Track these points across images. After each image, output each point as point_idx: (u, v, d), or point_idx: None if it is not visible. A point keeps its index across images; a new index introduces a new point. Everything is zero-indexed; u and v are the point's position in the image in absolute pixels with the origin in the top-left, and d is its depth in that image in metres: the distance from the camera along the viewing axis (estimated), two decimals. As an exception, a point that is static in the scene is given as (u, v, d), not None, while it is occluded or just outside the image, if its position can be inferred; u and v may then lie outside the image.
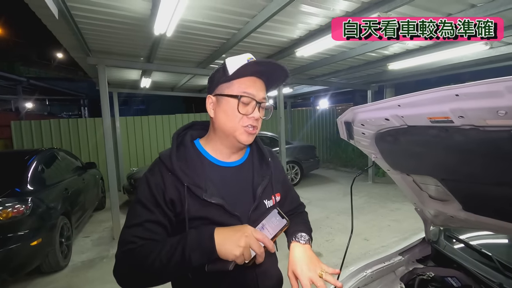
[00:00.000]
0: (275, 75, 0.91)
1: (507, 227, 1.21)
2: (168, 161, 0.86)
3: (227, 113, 0.86)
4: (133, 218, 0.82)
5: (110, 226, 4.89)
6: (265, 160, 1.00)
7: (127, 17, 3.02)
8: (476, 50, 3.90)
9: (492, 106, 0.68)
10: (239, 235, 0.73)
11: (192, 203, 0.82)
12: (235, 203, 0.87)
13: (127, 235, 0.80)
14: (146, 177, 0.86)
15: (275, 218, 0.80)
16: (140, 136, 8.27)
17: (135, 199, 0.86)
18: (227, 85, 0.87)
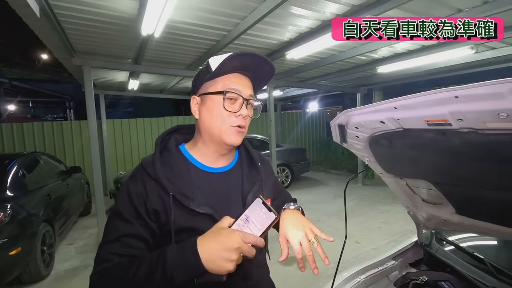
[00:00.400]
0: (261, 71, 0.86)
1: (501, 231, 1.20)
2: (151, 168, 0.79)
3: (212, 112, 0.81)
4: (110, 233, 0.74)
5: (95, 232, 4.73)
6: (255, 165, 0.95)
7: (114, 16, 2.93)
8: (462, 54, 3.98)
9: (493, 109, 0.65)
10: (229, 247, 0.64)
11: (178, 214, 0.75)
12: (224, 212, 0.79)
13: (103, 252, 0.72)
14: (126, 186, 0.79)
15: (260, 209, 0.71)
16: (128, 139, 8.09)
17: (112, 211, 0.78)
18: (211, 83, 0.82)
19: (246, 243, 0.65)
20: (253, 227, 0.70)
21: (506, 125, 0.67)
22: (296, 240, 0.79)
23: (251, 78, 0.86)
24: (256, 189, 0.89)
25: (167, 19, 2.64)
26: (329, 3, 2.69)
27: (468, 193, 1.15)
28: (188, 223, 0.76)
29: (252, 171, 0.94)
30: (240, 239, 0.65)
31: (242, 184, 0.89)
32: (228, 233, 0.66)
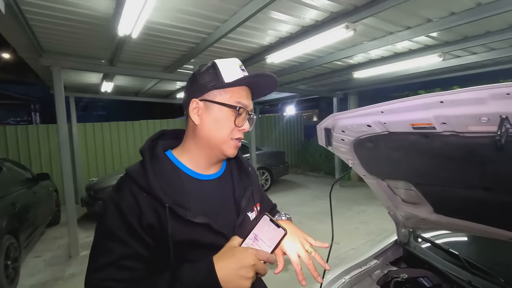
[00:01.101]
0: (266, 88, 0.87)
1: (475, 228, 1.28)
2: (142, 179, 0.73)
3: (218, 123, 0.78)
4: (103, 256, 0.67)
5: (66, 243, 4.45)
6: (245, 170, 0.94)
7: (87, 15, 2.80)
8: (430, 62, 4.24)
9: (475, 113, 0.70)
10: (245, 266, 0.64)
11: (175, 226, 0.71)
12: (219, 219, 0.78)
13: (95, 280, 0.66)
14: (113, 201, 0.71)
15: (268, 226, 0.71)
16: (101, 143, 7.73)
17: (100, 231, 0.71)
18: (220, 92, 0.79)
19: (259, 260, 0.66)
20: (263, 245, 0.70)
21: (486, 128, 0.71)
22: (294, 251, 0.79)
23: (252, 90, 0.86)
24: (248, 195, 0.88)
25: (146, 20, 2.56)
26: (309, 10, 2.75)
27: (446, 192, 1.22)
28: (185, 235, 0.72)
29: (242, 177, 0.92)
30: (255, 257, 0.65)
31: (233, 190, 0.87)
32: (243, 251, 0.66)
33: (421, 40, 3.72)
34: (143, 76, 4.96)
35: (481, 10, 2.63)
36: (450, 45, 3.75)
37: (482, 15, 2.63)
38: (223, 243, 0.76)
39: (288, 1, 2.58)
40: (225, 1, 2.53)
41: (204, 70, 0.81)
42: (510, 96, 0.61)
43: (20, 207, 3.65)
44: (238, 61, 0.83)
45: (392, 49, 4.09)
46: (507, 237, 1.22)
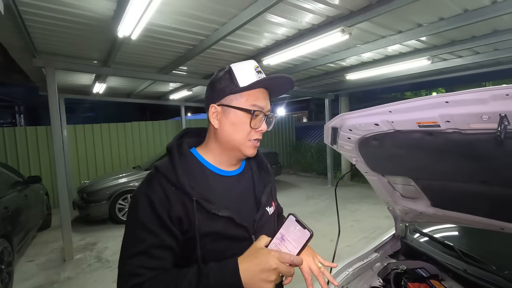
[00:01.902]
0: (282, 89, 0.90)
1: (470, 219, 1.37)
2: (171, 174, 0.77)
3: (235, 126, 0.82)
4: (135, 245, 0.71)
5: (59, 247, 4.38)
6: (264, 167, 0.99)
7: (86, 16, 2.79)
8: (420, 64, 4.42)
9: (477, 112, 0.78)
10: (266, 268, 0.66)
11: (201, 219, 0.75)
12: (241, 213, 0.83)
13: (130, 267, 0.70)
14: (145, 194, 0.75)
15: (294, 227, 0.72)
16: (91, 145, 7.61)
17: (132, 221, 0.75)
18: (236, 97, 0.82)
19: (283, 263, 0.68)
20: (290, 246, 0.71)
21: (487, 125, 0.79)
22: (305, 263, 0.83)
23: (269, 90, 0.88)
24: (268, 191, 0.93)
25: (147, 22, 2.59)
26: (306, 13, 2.83)
27: (444, 187, 1.31)
28: (211, 228, 0.77)
29: (261, 173, 0.97)
30: (277, 260, 0.67)
31: (253, 186, 0.92)
32: (265, 254, 0.68)
33: (411, 44, 3.88)
34: (138, 77, 4.94)
35: (467, 16, 2.78)
36: (438, 49, 3.92)
37: (469, 21, 2.79)
38: (245, 236, 0.82)
39: (286, 5, 2.65)
40: (226, 4, 2.58)
41: (221, 76, 0.84)
42: (509, 96, 0.70)
43: (12, 210, 3.58)
44: (253, 63, 0.85)
45: (383, 52, 4.24)
46: (498, 227, 1.33)
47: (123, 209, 5.39)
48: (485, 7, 2.68)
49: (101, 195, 5.29)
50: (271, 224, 0.95)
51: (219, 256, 0.76)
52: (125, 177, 5.68)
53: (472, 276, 1.37)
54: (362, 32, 3.31)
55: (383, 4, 2.52)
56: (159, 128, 8.80)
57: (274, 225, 0.96)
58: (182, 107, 8.89)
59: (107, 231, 5.05)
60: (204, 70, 5.06)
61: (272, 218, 0.95)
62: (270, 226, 0.93)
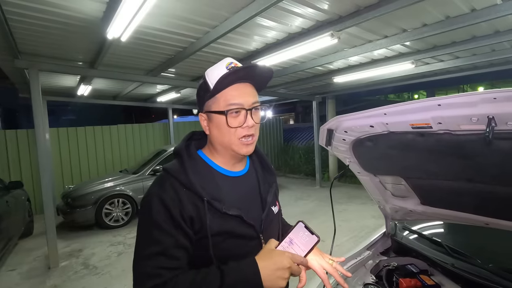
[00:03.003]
0: (259, 77, 0.86)
1: (457, 216, 1.45)
2: (182, 175, 0.79)
3: (220, 129, 0.83)
4: (151, 245, 0.72)
5: (43, 254, 4.23)
6: (268, 168, 1.02)
7: (73, 17, 2.74)
8: (404, 68, 4.59)
9: (467, 114, 0.83)
10: (281, 267, 0.71)
11: (212, 218, 0.78)
12: (248, 212, 0.85)
13: (148, 268, 0.70)
14: (158, 195, 0.76)
15: (302, 232, 0.77)
16: (75, 149, 7.40)
17: (146, 222, 0.76)
18: (213, 101, 0.83)
19: (294, 263, 0.73)
20: (297, 249, 0.76)
21: (476, 127, 0.85)
22: (318, 264, 0.85)
23: (252, 82, 0.86)
24: (273, 191, 0.96)
25: (137, 24, 2.57)
26: (296, 18, 2.89)
27: (433, 185, 1.38)
28: (222, 227, 0.79)
29: (265, 174, 1.00)
30: (290, 260, 0.72)
31: (258, 186, 0.94)
32: (280, 255, 0.73)
33: (396, 48, 4.03)
34: (125, 79, 4.85)
35: (449, 23, 2.93)
36: (421, 53, 4.09)
37: (450, 27, 2.93)
38: (253, 235, 0.84)
39: (277, 9, 2.70)
40: (218, 8, 2.60)
41: (200, 84, 0.87)
42: (496, 100, 0.75)
43: (-6, 217, 3.44)
44: (226, 61, 0.83)
45: (370, 55, 4.38)
46: (483, 222, 1.40)
47: (110, 214, 5.27)
48: (465, 15, 2.83)
49: (86, 200, 5.15)
50: (276, 223, 0.97)
51: (231, 255, 0.78)
52: (111, 181, 5.56)
53: (459, 270, 1.44)
54: (350, 36, 3.41)
55: (370, 10, 2.61)
56: (146, 131, 8.66)
57: (279, 224, 0.98)
58: (169, 109, 8.80)
59: (93, 236, 4.92)
60: (194, 72, 5.04)
61: (277, 217, 0.98)
62: (275, 225, 0.96)
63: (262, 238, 0.86)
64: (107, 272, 3.61)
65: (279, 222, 0.99)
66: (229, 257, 0.76)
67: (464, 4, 2.68)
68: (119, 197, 5.36)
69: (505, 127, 0.81)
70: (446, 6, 2.71)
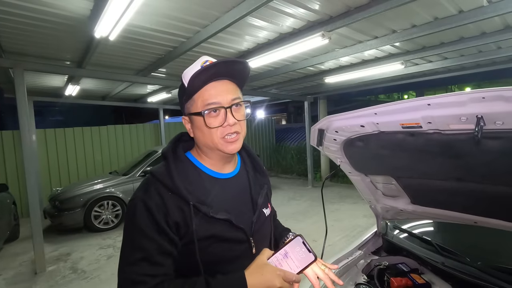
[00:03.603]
0: (234, 71, 0.82)
1: (446, 215, 1.46)
2: (167, 179, 0.77)
3: (202, 131, 0.81)
4: (135, 252, 0.70)
5: (29, 259, 4.11)
6: (260, 169, 0.99)
7: (59, 15, 2.67)
8: (394, 68, 4.65)
9: (456, 114, 0.84)
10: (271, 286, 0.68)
11: (199, 223, 0.75)
12: (238, 215, 0.82)
13: (133, 274, 0.68)
14: (142, 200, 0.74)
15: (300, 248, 0.74)
16: (63, 151, 7.23)
17: (130, 228, 0.74)
18: (191, 103, 0.81)
19: (286, 281, 0.70)
20: (291, 263, 0.73)
21: (465, 126, 0.85)
22: (310, 270, 0.83)
23: (230, 78, 0.83)
24: (264, 193, 0.94)
25: (126, 23, 2.52)
26: (288, 18, 2.89)
27: (423, 184, 1.38)
28: (209, 231, 0.76)
29: (257, 175, 0.98)
30: (281, 279, 0.69)
31: (250, 187, 0.92)
32: (271, 272, 0.70)
33: (386, 49, 4.07)
34: (115, 79, 4.77)
35: (437, 24, 2.97)
36: (411, 54, 4.14)
37: (439, 28, 2.97)
38: (243, 238, 0.82)
39: (268, 9, 2.69)
40: (209, 7, 2.57)
41: (179, 87, 0.85)
42: (485, 99, 0.75)
43: (-23, 222, 3.32)
44: (202, 60, 0.81)
45: (360, 56, 4.41)
46: (472, 221, 1.42)
47: (99, 217, 5.17)
48: (452, 16, 2.88)
49: (75, 202, 5.03)
50: (267, 226, 0.95)
51: (220, 258, 0.76)
52: (101, 183, 5.45)
53: (449, 268, 1.45)
54: (340, 37, 3.43)
55: (360, 11, 2.62)
56: (137, 132, 8.54)
57: (271, 226, 0.96)
58: (160, 110, 8.70)
59: (82, 240, 4.81)
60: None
61: (269, 219, 0.96)
62: (267, 227, 0.94)
63: (253, 242, 0.83)
64: (96, 276, 3.53)
65: (271, 224, 0.96)
66: (217, 261, 0.74)
67: (452, 5, 2.72)
68: (108, 199, 5.26)
69: (494, 127, 0.81)
70: (435, 7, 2.75)
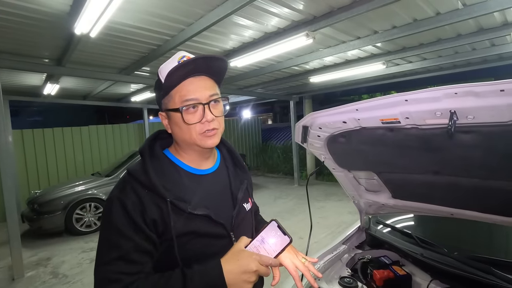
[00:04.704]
0: (212, 67, 0.82)
1: (425, 208, 1.52)
2: (143, 177, 0.76)
3: (180, 127, 0.80)
4: (111, 251, 0.70)
5: (6, 265, 3.95)
6: (240, 164, 1.00)
7: (36, 11, 2.57)
8: (376, 68, 4.78)
9: (432, 109, 0.88)
10: (248, 271, 0.69)
11: (177, 219, 0.75)
12: (218, 211, 0.82)
13: (109, 273, 0.68)
14: (118, 199, 0.74)
15: (275, 232, 0.75)
16: (42, 152, 6.97)
17: (106, 227, 0.73)
18: (168, 98, 0.81)
19: (262, 265, 0.71)
20: (269, 248, 0.74)
21: (440, 121, 0.90)
22: (290, 261, 0.85)
23: (208, 74, 0.82)
24: (244, 188, 0.94)
25: (107, 20, 2.45)
26: (273, 17, 2.91)
27: (403, 179, 1.44)
28: (187, 227, 0.76)
29: (237, 170, 0.98)
30: (258, 263, 0.70)
31: (230, 183, 0.92)
32: (247, 257, 0.71)
33: (368, 49, 4.18)
34: (97, 78, 4.64)
35: (416, 25, 3.08)
36: (392, 54, 4.27)
37: (418, 29, 3.08)
38: (223, 233, 0.82)
39: (253, 8, 2.70)
40: (193, 5, 2.55)
41: (155, 81, 0.84)
42: (457, 95, 0.80)
43: None
44: (179, 55, 0.80)
45: (344, 56, 4.50)
46: (448, 213, 1.49)
47: (81, 220, 5.02)
48: (430, 18, 2.99)
49: (55, 205, 4.86)
50: (248, 221, 0.95)
51: (199, 254, 0.76)
52: (82, 185, 5.30)
53: (428, 259, 1.51)
54: (324, 37, 3.49)
55: (343, 11, 2.68)
56: (120, 132, 8.34)
57: (252, 221, 0.97)
58: (144, 109, 8.54)
59: (63, 244, 4.66)
60: (169, 71, 4.91)
61: (250, 214, 0.96)
62: (248, 222, 0.94)
63: (233, 236, 0.84)
64: (78, 280, 3.43)
65: (252, 219, 0.97)
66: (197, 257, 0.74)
67: (430, 7, 2.83)
68: (91, 201, 5.11)
69: (466, 121, 0.86)
70: (414, 9, 2.85)
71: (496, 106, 0.78)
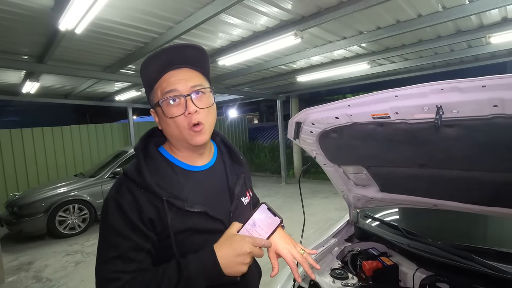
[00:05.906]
0: (190, 57, 0.81)
1: (411, 200, 1.60)
2: (138, 177, 0.76)
3: (165, 122, 0.80)
4: (108, 250, 0.71)
5: (-15, 271, 3.77)
6: (237, 159, 1.00)
7: (16, 5, 2.46)
8: (360, 68, 4.91)
9: (419, 104, 0.93)
10: (242, 253, 0.71)
11: (174, 217, 0.75)
12: (215, 206, 0.83)
13: (106, 272, 0.69)
14: (114, 200, 0.74)
15: (266, 214, 0.78)
16: (21, 153, 6.71)
17: (104, 227, 0.74)
18: (153, 94, 0.81)
19: (256, 247, 0.73)
20: (260, 231, 0.77)
21: (427, 115, 0.95)
22: (288, 252, 0.85)
23: (189, 66, 0.81)
24: (241, 182, 0.95)
25: (94, 16, 2.40)
26: (261, 16, 2.94)
27: (390, 172, 1.50)
28: (185, 224, 0.77)
29: (234, 164, 0.99)
30: (251, 245, 0.72)
31: (227, 178, 0.93)
32: (240, 240, 0.73)
33: (353, 49, 4.29)
34: (80, 75, 4.51)
35: (399, 27, 3.20)
36: (376, 55, 4.41)
37: (400, 30, 3.21)
38: (221, 229, 0.82)
39: (243, 7, 2.72)
40: (183, 3, 2.54)
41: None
42: (443, 90, 0.85)
43: None
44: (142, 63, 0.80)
45: (330, 56, 4.60)
46: (432, 204, 1.57)
47: (65, 222, 4.87)
48: (412, 20, 3.12)
49: (36, 208, 4.69)
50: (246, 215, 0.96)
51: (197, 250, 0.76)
52: (65, 187, 5.14)
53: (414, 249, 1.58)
54: (312, 36, 3.55)
55: (330, 12, 2.75)
56: (104, 132, 8.14)
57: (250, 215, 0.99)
58: (129, 108, 8.36)
59: (46, 247, 4.51)
60: (155, 70, 4.85)
61: (248, 208, 0.97)
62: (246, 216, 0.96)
63: None
64: (63, 284, 3.33)
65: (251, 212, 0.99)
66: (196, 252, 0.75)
67: (412, 10, 2.95)
68: (74, 203, 4.97)
69: (451, 115, 0.92)
70: (397, 11, 2.96)
71: (477, 101, 0.84)
